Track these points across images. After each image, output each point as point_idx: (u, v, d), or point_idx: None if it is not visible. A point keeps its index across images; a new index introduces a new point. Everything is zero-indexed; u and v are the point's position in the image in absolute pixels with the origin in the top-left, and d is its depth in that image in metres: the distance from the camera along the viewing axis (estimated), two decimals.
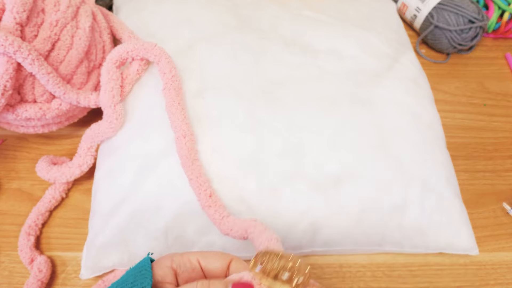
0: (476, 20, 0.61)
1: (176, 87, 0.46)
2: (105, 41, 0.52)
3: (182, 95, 0.46)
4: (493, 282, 0.46)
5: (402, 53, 0.57)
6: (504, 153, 0.56)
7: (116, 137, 0.47)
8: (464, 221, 0.46)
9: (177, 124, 0.43)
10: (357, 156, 0.46)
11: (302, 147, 0.46)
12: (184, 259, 0.28)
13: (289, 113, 0.48)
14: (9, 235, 0.47)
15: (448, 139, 0.53)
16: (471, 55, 0.67)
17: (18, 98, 0.45)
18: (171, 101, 0.45)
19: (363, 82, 0.52)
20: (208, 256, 0.28)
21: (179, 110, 0.44)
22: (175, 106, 0.44)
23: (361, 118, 0.48)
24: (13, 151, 0.53)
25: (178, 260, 0.28)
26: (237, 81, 0.50)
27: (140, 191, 0.44)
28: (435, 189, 0.46)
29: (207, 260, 0.28)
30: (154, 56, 0.47)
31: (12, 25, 0.41)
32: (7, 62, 0.40)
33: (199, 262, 0.28)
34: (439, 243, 0.45)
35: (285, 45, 0.54)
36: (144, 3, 0.58)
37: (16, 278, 0.44)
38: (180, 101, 0.45)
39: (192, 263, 0.28)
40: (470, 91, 0.62)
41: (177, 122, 0.43)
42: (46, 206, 0.47)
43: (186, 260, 0.28)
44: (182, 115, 0.44)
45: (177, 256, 0.28)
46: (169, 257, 0.28)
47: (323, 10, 0.60)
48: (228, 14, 0.57)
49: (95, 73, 0.51)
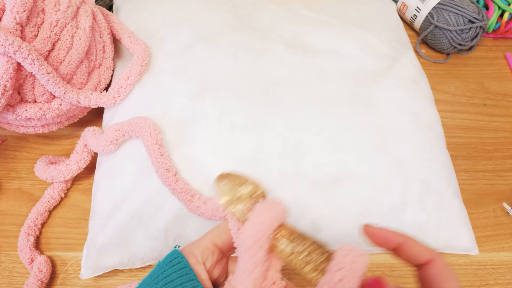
0: (476, 20, 0.61)
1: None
2: (105, 41, 0.52)
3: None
4: (493, 282, 0.46)
5: (402, 53, 0.57)
6: (504, 153, 0.56)
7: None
8: (464, 221, 0.46)
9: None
10: (357, 156, 0.46)
11: (302, 147, 0.46)
12: (204, 249, 0.29)
13: (289, 113, 0.48)
14: (9, 235, 0.47)
15: (448, 139, 0.53)
16: (471, 55, 0.67)
17: (18, 98, 0.45)
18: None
19: (363, 82, 0.52)
20: (217, 235, 0.30)
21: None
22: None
23: (361, 118, 0.48)
24: (13, 151, 0.53)
25: (201, 254, 0.29)
26: (237, 81, 0.50)
27: (140, 191, 0.44)
28: (435, 189, 0.46)
29: (221, 239, 0.30)
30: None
31: (12, 25, 0.41)
32: (7, 62, 0.40)
33: (214, 243, 0.30)
34: (439, 243, 0.45)
35: (285, 45, 0.54)
36: (144, 3, 0.58)
37: (16, 278, 0.44)
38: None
39: (210, 249, 0.29)
40: (470, 91, 0.62)
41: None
42: (45, 206, 0.47)
43: (205, 249, 0.29)
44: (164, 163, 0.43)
45: (197, 249, 0.29)
46: (191, 254, 0.29)
47: (323, 10, 0.60)
48: (228, 14, 0.57)
49: (95, 73, 0.51)
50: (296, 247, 0.27)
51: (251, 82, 0.50)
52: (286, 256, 0.27)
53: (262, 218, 0.27)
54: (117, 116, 0.49)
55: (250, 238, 0.26)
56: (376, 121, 0.48)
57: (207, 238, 0.30)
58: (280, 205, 0.28)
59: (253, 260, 0.26)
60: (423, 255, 0.26)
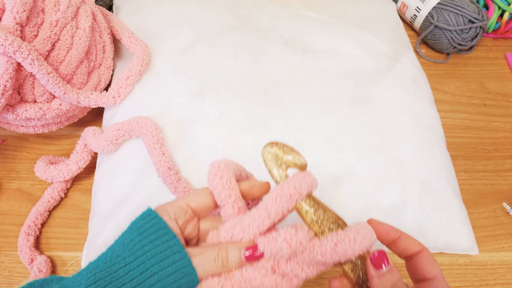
0: (476, 20, 0.61)
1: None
2: (105, 41, 0.52)
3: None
4: (493, 282, 0.46)
5: (402, 53, 0.57)
6: (504, 153, 0.56)
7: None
8: (464, 221, 0.46)
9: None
10: (357, 156, 0.46)
11: (302, 147, 0.45)
12: (177, 208, 0.30)
13: (289, 113, 0.48)
14: (9, 235, 0.47)
15: (448, 139, 0.53)
16: (471, 55, 0.67)
17: (18, 98, 0.45)
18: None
19: (363, 82, 0.52)
20: (192, 198, 0.31)
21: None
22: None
23: (361, 118, 0.48)
24: (13, 151, 0.53)
25: (174, 212, 0.30)
26: (237, 81, 0.50)
27: (140, 190, 0.44)
28: (435, 189, 0.46)
29: (195, 202, 0.31)
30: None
31: (12, 25, 0.41)
32: (7, 62, 0.40)
33: (188, 204, 0.31)
34: (439, 243, 0.45)
35: (285, 45, 0.54)
36: (144, 3, 0.58)
37: (16, 278, 0.44)
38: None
39: (183, 208, 0.30)
40: (470, 91, 0.62)
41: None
42: (45, 206, 0.47)
43: (178, 207, 0.30)
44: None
45: (170, 207, 0.30)
46: (164, 211, 0.30)
47: (323, 10, 0.60)
48: (228, 14, 0.57)
49: (95, 73, 0.51)
50: (317, 214, 0.30)
51: (251, 82, 0.50)
52: (309, 220, 0.30)
53: (296, 183, 0.30)
54: (117, 116, 0.49)
55: (282, 194, 0.29)
56: (376, 121, 0.48)
57: (181, 199, 0.31)
58: (312, 176, 0.32)
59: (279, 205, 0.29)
60: (414, 247, 0.30)
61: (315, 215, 0.30)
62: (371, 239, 0.29)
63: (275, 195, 0.29)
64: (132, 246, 0.28)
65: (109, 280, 0.26)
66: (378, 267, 0.28)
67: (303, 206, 0.30)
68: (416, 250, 0.30)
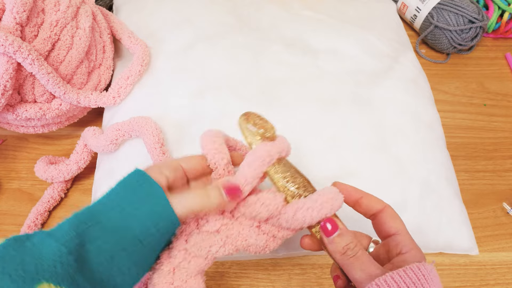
0: (476, 20, 0.61)
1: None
2: (105, 41, 0.52)
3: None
4: (493, 282, 0.46)
5: (402, 53, 0.57)
6: (504, 153, 0.56)
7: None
8: (464, 221, 0.46)
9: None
10: (356, 155, 0.46)
11: (302, 147, 0.45)
12: (168, 165, 0.31)
13: (289, 113, 0.48)
14: (9, 235, 0.47)
15: (448, 139, 0.53)
16: (471, 55, 0.67)
17: (18, 98, 0.45)
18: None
19: (363, 82, 0.52)
20: (184, 159, 0.33)
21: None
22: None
23: (361, 118, 0.48)
24: (13, 151, 0.53)
25: (164, 167, 0.31)
26: (237, 80, 0.50)
27: None
28: (435, 189, 0.46)
29: (186, 163, 0.32)
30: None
31: (12, 25, 0.41)
32: (7, 62, 0.40)
33: (180, 165, 0.32)
34: (439, 243, 0.45)
35: (285, 45, 0.54)
36: (144, 3, 0.58)
37: None
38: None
39: (174, 166, 0.32)
40: (470, 91, 0.62)
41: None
42: (45, 206, 0.47)
43: (169, 164, 0.32)
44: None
45: (161, 164, 0.32)
46: (155, 166, 0.31)
47: (323, 10, 0.60)
48: (228, 14, 0.57)
49: (95, 73, 0.51)
50: (286, 179, 0.32)
51: (251, 82, 0.50)
52: (279, 185, 0.32)
53: (267, 148, 0.32)
54: (117, 116, 0.49)
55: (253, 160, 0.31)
56: (376, 121, 0.48)
57: (174, 160, 0.33)
58: (283, 142, 0.33)
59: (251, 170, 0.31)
60: (376, 206, 0.31)
61: (284, 180, 0.32)
62: (332, 206, 0.30)
63: (247, 162, 0.31)
64: (115, 195, 0.29)
65: (91, 223, 0.27)
66: (328, 234, 0.30)
67: (273, 171, 0.32)
68: (378, 208, 0.31)
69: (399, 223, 0.31)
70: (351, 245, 0.29)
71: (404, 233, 0.30)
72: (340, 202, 0.31)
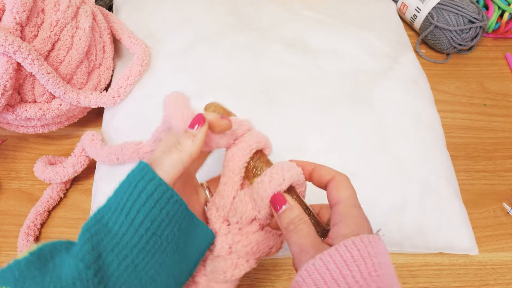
0: (476, 20, 0.61)
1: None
2: (105, 41, 0.52)
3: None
4: (493, 282, 0.46)
5: (402, 53, 0.57)
6: (504, 153, 0.56)
7: (116, 138, 0.47)
8: (463, 221, 0.46)
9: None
10: (356, 156, 0.46)
11: (301, 147, 0.45)
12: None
13: (289, 113, 0.48)
14: (9, 235, 0.47)
15: (448, 139, 0.53)
16: (471, 55, 0.67)
17: (18, 98, 0.45)
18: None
19: (363, 82, 0.52)
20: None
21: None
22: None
23: (361, 118, 0.48)
24: (13, 151, 0.53)
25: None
26: (237, 80, 0.50)
27: None
28: (434, 189, 0.46)
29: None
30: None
31: (12, 25, 0.41)
32: (7, 62, 0.40)
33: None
34: (439, 243, 0.45)
35: (285, 45, 0.54)
36: (144, 3, 0.58)
37: None
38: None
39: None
40: (470, 91, 0.62)
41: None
42: (45, 206, 0.47)
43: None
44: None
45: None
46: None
47: (323, 10, 0.60)
48: (228, 14, 0.57)
49: (95, 73, 0.51)
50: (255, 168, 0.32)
51: (251, 82, 0.50)
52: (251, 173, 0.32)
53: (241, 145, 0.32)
54: (117, 116, 0.49)
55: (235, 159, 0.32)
56: (376, 121, 0.48)
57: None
58: (256, 134, 0.34)
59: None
60: (327, 176, 0.31)
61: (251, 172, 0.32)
62: (283, 177, 0.30)
63: (231, 154, 0.32)
64: (115, 196, 0.28)
65: (103, 233, 0.26)
66: (276, 209, 0.30)
67: (252, 165, 0.32)
68: (328, 178, 0.31)
69: (343, 192, 0.29)
70: (295, 220, 0.29)
71: (346, 203, 0.29)
72: (293, 173, 0.30)
